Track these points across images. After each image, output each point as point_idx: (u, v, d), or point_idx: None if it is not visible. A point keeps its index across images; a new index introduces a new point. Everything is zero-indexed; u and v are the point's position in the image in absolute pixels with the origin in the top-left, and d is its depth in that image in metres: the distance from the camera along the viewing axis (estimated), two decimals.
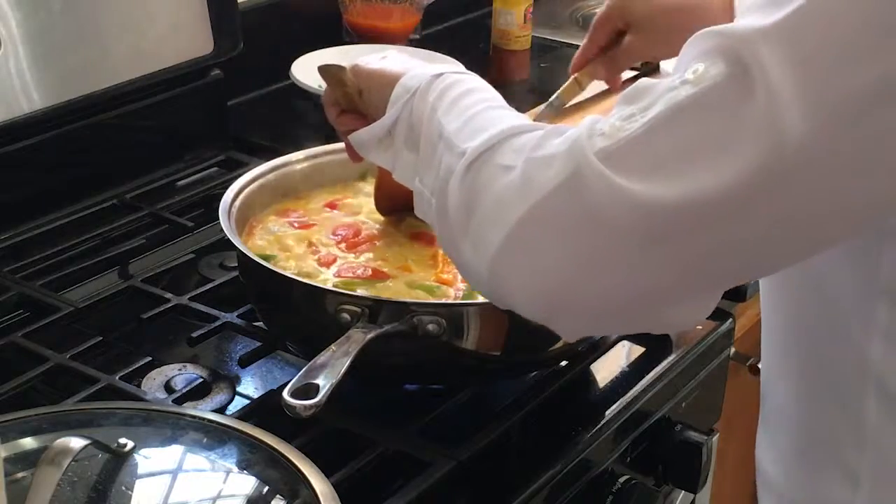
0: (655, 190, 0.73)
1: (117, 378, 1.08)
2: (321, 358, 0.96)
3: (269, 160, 1.27)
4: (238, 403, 1.09)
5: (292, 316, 1.11)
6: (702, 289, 0.79)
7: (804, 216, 0.73)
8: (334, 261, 1.16)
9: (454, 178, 0.83)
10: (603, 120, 0.77)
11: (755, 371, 1.42)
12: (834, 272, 0.88)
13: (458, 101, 0.91)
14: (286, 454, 0.90)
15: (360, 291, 1.09)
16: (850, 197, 0.73)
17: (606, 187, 0.73)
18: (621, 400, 1.14)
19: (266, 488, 0.89)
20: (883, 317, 0.85)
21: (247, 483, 0.90)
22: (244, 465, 0.91)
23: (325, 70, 1.07)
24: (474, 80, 0.94)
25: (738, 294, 1.30)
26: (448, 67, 0.97)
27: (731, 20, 0.87)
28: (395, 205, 1.18)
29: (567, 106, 1.26)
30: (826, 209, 0.73)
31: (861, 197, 0.73)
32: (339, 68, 1.06)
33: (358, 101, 1.04)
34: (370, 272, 1.13)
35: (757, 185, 0.71)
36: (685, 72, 0.74)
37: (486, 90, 0.93)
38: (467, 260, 0.84)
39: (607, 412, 1.13)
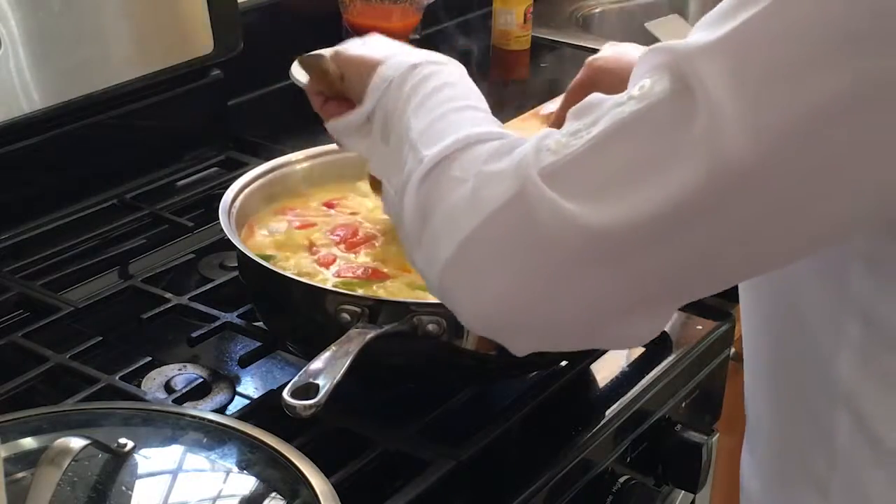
0: (597, 212, 0.73)
1: (117, 378, 1.08)
2: (321, 358, 0.96)
3: (269, 160, 1.27)
4: (238, 403, 1.09)
5: (292, 316, 1.11)
6: (649, 307, 0.79)
7: (749, 236, 0.73)
8: (334, 261, 1.16)
9: (411, 186, 0.84)
10: (553, 134, 0.77)
11: None
12: (804, 289, 0.87)
13: (429, 97, 0.90)
14: (286, 454, 0.90)
15: (359, 291, 1.09)
16: (797, 218, 0.73)
17: (550, 209, 0.74)
18: (621, 400, 1.14)
19: (266, 488, 0.89)
20: (852, 334, 0.84)
21: (247, 483, 0.90)
22: (244, 465, 0.91)
23: (304, 61, 1.06)
24: (451, 73, 0.94)
25: (737, 294, 1.29)
26: (428, 56, 0.96)
27: None
28: None
29: None
30: (772, 230, 0.73)
31: (808, 219, 0.73)
32: (319, 57, 1.04)
33: (340, 86, 1.03)
34: (370, 272, 1.13)
35: (698, 205, 0.71)
36: (633, 87, 0.74)
37: (460, 84, 0.93)
38: (421, 268, 0.85)
39: (607, 412, 1.13)
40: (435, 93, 0.91)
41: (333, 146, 1.29)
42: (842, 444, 0.87)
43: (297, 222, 1.22)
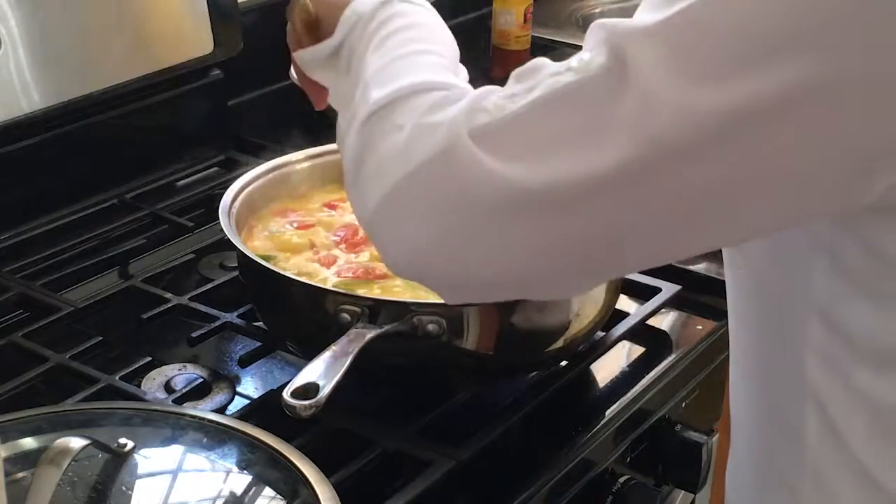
0: (521, 172, 0.74)
1: (117, 378, 1.08)
2: (321, 358, 0.96)
3: (269, 160, 1.27)
4: (238, 403, 1.09)
5: (292, 316, 1.11)
6: (567, 274, 0.80)
7: (665, 217, 0.74)
8: (334, 261, 1.16)
9: (354, 125, 0.84)
10: (493, 93, 0.77)
11: None
12: (769, 287, 0.88)
13: (391, 36, 0.90)
14: (286, 454, 0.90)
15: (360, 291, 1.09)
16: (711, 206, 0.73)
17: (475, 165, 0.75)
18: (621, 400, 1.14)
19: (266, 488, 0.89)
20: (815, 335, 0.84)
21: (247, 483, 0.90)
22: (244, 465, 0.91)
23: (290, 6, 1.07)
24: (420, 14, 0.94)
25: None
26: None
27: None
28: None
29: None
30: (687, 215, 0.73)
31: (723, 208, 0.73)
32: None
33: (318, 31, 1.03)
34: (370, 272, 1.13)
35: (619, 180, 0.72)
36: (574, 59, 0.74)
37: (427, 27, 0.93)
38: (353, 207, 0.86)
39: (607, 412, 1.13)
40: (399, 32, 0.90)
41: (334, 146, 1.29)
42: (811, 447, 0.87)
43: (298, 223, 1.22)
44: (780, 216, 0.76)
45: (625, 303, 1.22)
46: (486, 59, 1.90)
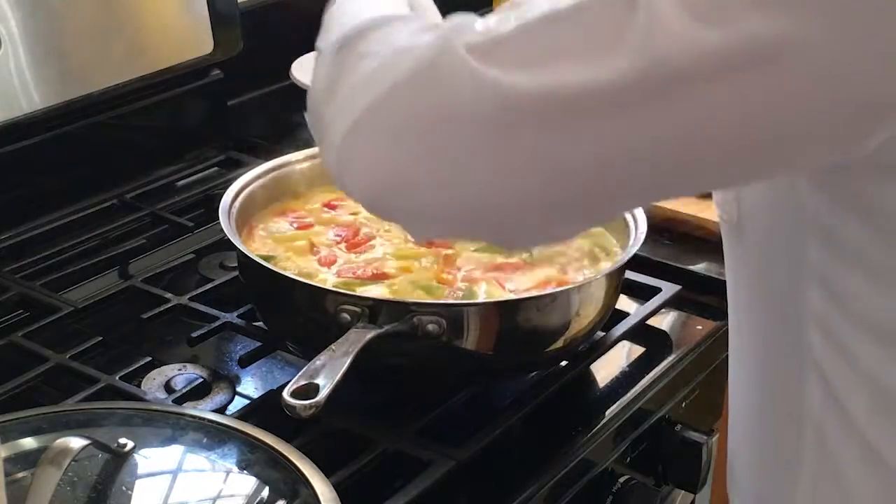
0: (520, 79, 0.70)
1: (117, 378, 1.08)
2: (321, 358, 0.96)
3: (269, 160, 1.27)
4: (238, 403, 1.09)
5: (292, 316, 1.11)
6: (555, 206, 0.75)
7: (660, 148, 0.71)
8: (335, 261, 1.16)
9: (324, 58, 0.81)
10: (481, 20, 0.74)
11: None
12: (769, 263, 0.88)
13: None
14: (286, 454, 0.90)
15: (360, 291, 1.09)
16: (707, 140, 0.71)
17: (466, 73, 0.70)
18: (621, 400, 1.14)
19: (266, 488, 0.89)
20: (816, 310, 0.84)
21: (247, 483, 0.90)
22: (244, 465, 0.91)
23: None
24: None
25: None
26: None
27: None
28: None
29: None
30: (684, 144, 0.71)
31: (718, 143, 0.71)
32: None
33: None
34: (370, 272, 1.13)
35: (621, 98, 0.69)
36: None
37: None
38: (321, 144, 0.81)
39: (607, 412, 1.13)
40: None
41: None
42: (813, 423, 0.87)
43: (298, 223, 1.22)
44: (773, 161, 0.74)
45: (625, 303, 1.22)
46: None
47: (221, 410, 1.07)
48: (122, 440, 0.87)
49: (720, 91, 0.69)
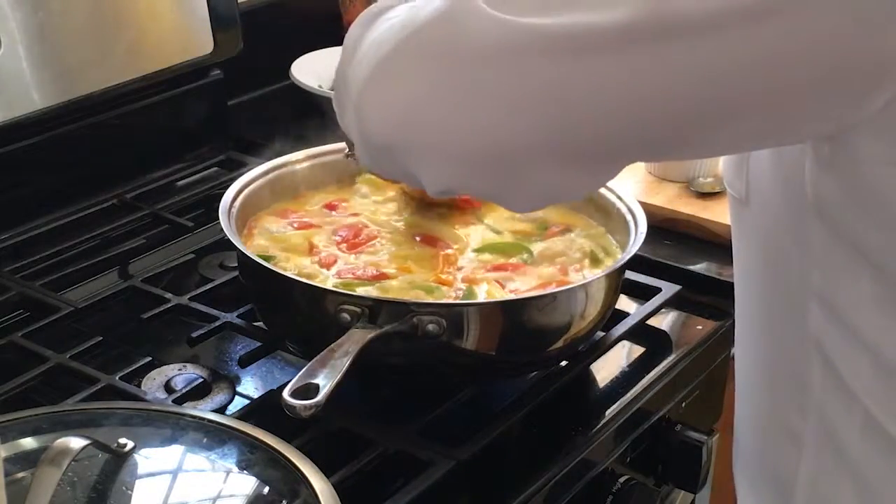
0: (534, 19, 0.71)
1: (117, 378, 1.08)
2: (321, 358, 0.96)
3: (269, 160, 1.27)
4: (238, 403, 1.09)
5: (292, 316, 1.11)
6: (559, 150, 0.76)
7: (677, 92, 0.72)
8: (335, 261, 1.16)
9: (356, 24, 0.83)
10: None
11: None
12: (774, 231, 0.88)
13: None
14: (286, 454, 0.90)
15: (360, 291, 1.09)
16: (713, 91, 0.72)
17: (480, 14, 0.72)
18: (621, 400, 1.14)
19: (266, 488, 0.89)
20: (816, 278, 0.84)
21: (247, 483, 0.90)
22: (244, 465, 0.91)
23: None
24: None
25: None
26: None
27: None
28: None
29: None
30: (693, 92, 0.72)
31: (725, 99, 0.72)
32: None
33: None
34: (370, 273, 1.13)
35: (632, 40, 0.70)
36: None
37: None
38: (344, 106, 0.83)
39: (607, 412, 1.13)
40: None
41: (334, 146, 1.30)
42: (815, 394, 0.88)
43: (298, 223, 1.22)
44: (778, 122, 0.74)
45: (625, 303, 1.22)
46: None
47: (221, 410, 1.07)
48: (122, 440, 0.87)
49: (731, 40, 0.69)
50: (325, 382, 0.93)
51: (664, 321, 1.26)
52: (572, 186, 0.79)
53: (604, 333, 1.17)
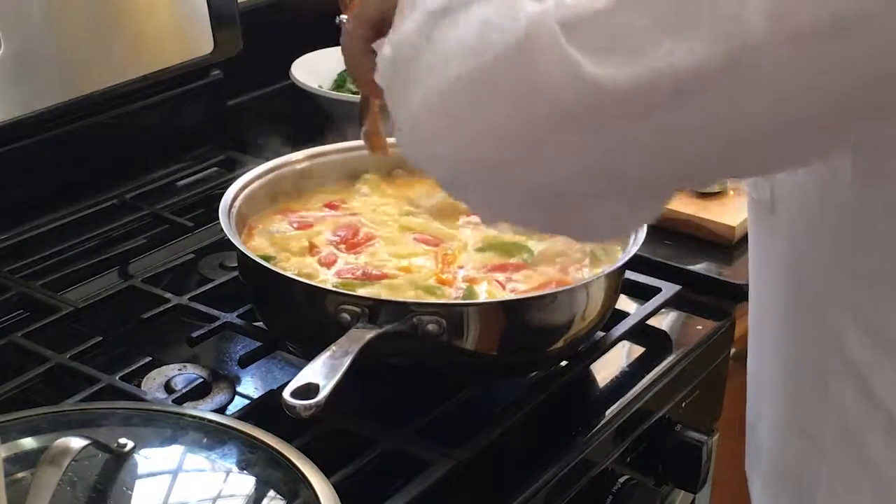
0: (608, 69, 0.69)
1: (117, 378, 1.08)
2: (321, 358, 0.96)
3: (269, 160, 1.27)
4: (238, 403, 1.09)
5: (292, 316, 1.11)
6: (637, 193, 0.76)
7: (746, 123, 0.71)
8: (335, 261, 1.16)
9: (413, 29, 0.78)
10: None
11: None
12: (799, 237, 0.88)
13: None
14: (286, 454, 0.90)
15: (360, 291, 1.09)
16: (785, 118, 0.71)
17: (558, 57, 0.70)
18: (621, 400, 1.14)
19: (266, 488, 0.89)
20: (841, 282, 0.84)
21: (247, 483, 0.90)
22: (244, 465, 0.91)
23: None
24: None
25: (737, 294, 1.30)
26: None
27: None
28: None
29: None
30: (767, 123, 0.71)
31: (798, 121, 0.71)
32: None
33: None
34: (370, 272, 1.13)
35: (704, 78, 0.69)
36: None
37: None
38: (394, 105, 0.79)
39: (607, 412, 1.13)
40: None
41: (334, 146, 1.30)
42: (834, 395, 0.88)
43: (298, 223, 1.22)
44: (834, 133, 0.74)
45: (625, 303, 1.22)
46: None
47: (221, 410, 1.07)
48: (122, 440, 0.87)
49: (802, 63, 0.68)
50: (325, 382, 0.93)
51: (664, 321, 1.26)
52: (636, 220, 0.79)
53: (604, 333, 1.17)
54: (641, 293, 1.24)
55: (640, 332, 1.21)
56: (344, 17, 0.98)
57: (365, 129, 1.05)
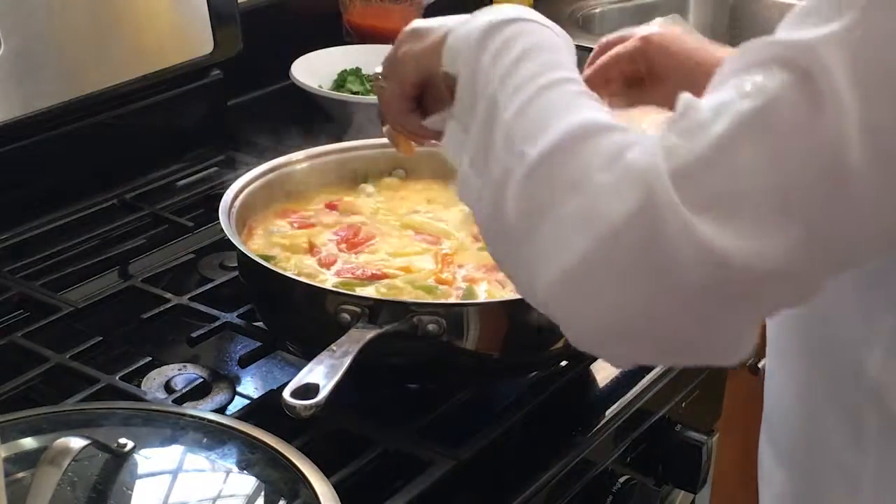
0: (732, 240, 0.68)
1: (117, 378, 1.08)
2: (321, 358, 0.96)
3: (269, 160, 1.27)
4: (238, 403, 1.09)
5: (292, 316, 1.11)
6: (755, 331, 0.76)
7: (843, 242, 0.71)
8: (335, 261, 1.16)
9: (512, 186, 0.76)
10: (662, 137, 0.72)
11: (755, 371, 1.42)
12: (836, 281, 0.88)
13: (514, 70, 0.81)
14: (286, 454, 0.90)
15: (360, 291, 1.09)
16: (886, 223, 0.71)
17: (680, 225, 0.69)
18: (621, 400, 1.14)
19: (266, 488, 0.89)
20: (886, 328, 0.83)
21: (247, 483, 0.90)
22: (244, 465, 0.91)
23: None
24: (532, 33, 0.84)
25: None
26: (497, 14, 0.86)
27: None
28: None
29: None
30: (865, 235, 0.72)
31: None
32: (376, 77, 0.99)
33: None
34: (370, 272, 1.13)
35: (814, 200, 0.69)
36: (742, 84, 0.70)
37: (545, 46, 0.84)
38: (518, 275, 0.79)
39: (607, 412, 1.13)
40: (521, 63, 0.82)
41: (334, 146, 1.30)
42: (873, 434, 0.87)
43: (298, 223, 1.22)
44: None
45: None
46: None
47: (221, 410, 1.07)
48: (122, 440, 0.87)
49: None
50: (325, 382, 0.93)
51: None
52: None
53: None
54: None
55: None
56: (378, 71, 0.99)
57: (387, 128, 1.04)
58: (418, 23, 0.97)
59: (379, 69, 1.00)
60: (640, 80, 1.13)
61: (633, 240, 0.70)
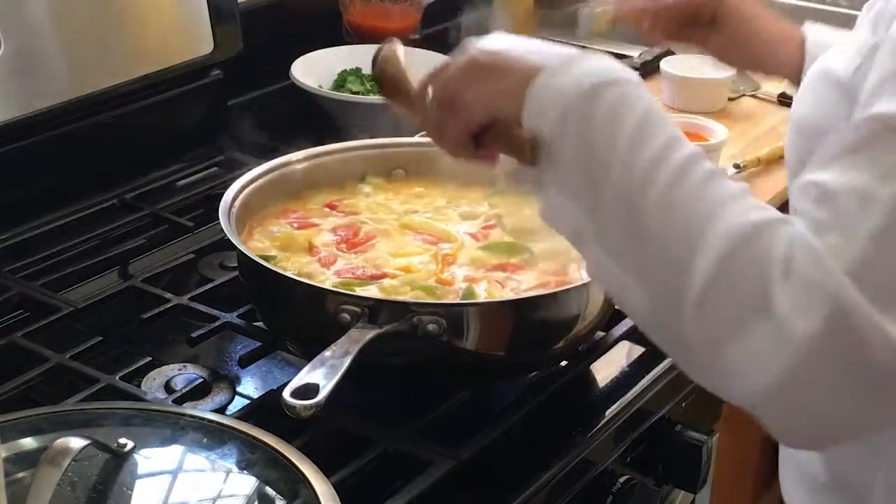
0: None
1: (117, 378, 1.08)
2: (321, 358, 0.96)
3: (269, 160, 1.27)
4: (238, 403, 1.09)
5: (292, 316, 1.11)
6: None
7: None
8: (335, 261, 1.16)
9: (688, 311, 0.76)
10: (816, 231, 0.73)
11: None
12: None
13: (636, 152, 0.78)
14: (286, 454, 0.90)
15: (360, 291, 1.09)
16: None
17: (877, 331, 0.71)
18: (621, 400, 1.14)
19: (266, 488, 0.89)
20: None
21: (247, 483, 0.90)
22: (244, 465, 0.91)
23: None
24: (637, 99, 0.81)
25: None
26: (590, 72, 0.82)
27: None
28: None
29: None
30: None
31: None
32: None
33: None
34: (370, 272, 1.13)
35: None
36: (873, 165, 0.72)
37: (654, 120, 0.80)
38: (715, 386, 0.80)
39: (607, 412, 1.13)
40: (639, 144, 0.79)
41: (334, 146, 1.30)
42: (886, 454, 0.89)
43: (298, 222, 1.22)
44: None
45: None
46: None
47: (221, 410, 1.07)
48: (122, 440, 0.87)
49: None
50: (325, 382, 0.93)
51: None
52: None
53: (604, 333, 1.17)
54: None
55: (641, 332, 1.21)
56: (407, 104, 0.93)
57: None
58: (481, 52, 0.87)
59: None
60: (693, 21, 1.19)
61: (832, 352, 0.71)
